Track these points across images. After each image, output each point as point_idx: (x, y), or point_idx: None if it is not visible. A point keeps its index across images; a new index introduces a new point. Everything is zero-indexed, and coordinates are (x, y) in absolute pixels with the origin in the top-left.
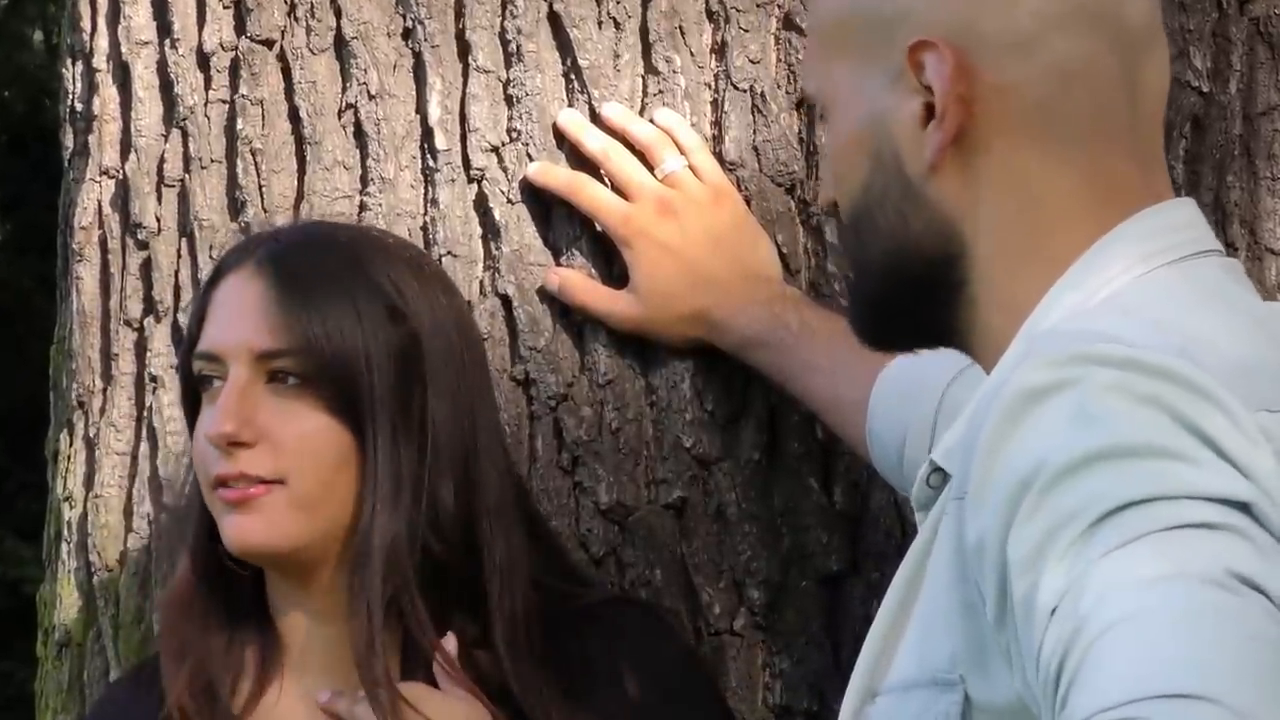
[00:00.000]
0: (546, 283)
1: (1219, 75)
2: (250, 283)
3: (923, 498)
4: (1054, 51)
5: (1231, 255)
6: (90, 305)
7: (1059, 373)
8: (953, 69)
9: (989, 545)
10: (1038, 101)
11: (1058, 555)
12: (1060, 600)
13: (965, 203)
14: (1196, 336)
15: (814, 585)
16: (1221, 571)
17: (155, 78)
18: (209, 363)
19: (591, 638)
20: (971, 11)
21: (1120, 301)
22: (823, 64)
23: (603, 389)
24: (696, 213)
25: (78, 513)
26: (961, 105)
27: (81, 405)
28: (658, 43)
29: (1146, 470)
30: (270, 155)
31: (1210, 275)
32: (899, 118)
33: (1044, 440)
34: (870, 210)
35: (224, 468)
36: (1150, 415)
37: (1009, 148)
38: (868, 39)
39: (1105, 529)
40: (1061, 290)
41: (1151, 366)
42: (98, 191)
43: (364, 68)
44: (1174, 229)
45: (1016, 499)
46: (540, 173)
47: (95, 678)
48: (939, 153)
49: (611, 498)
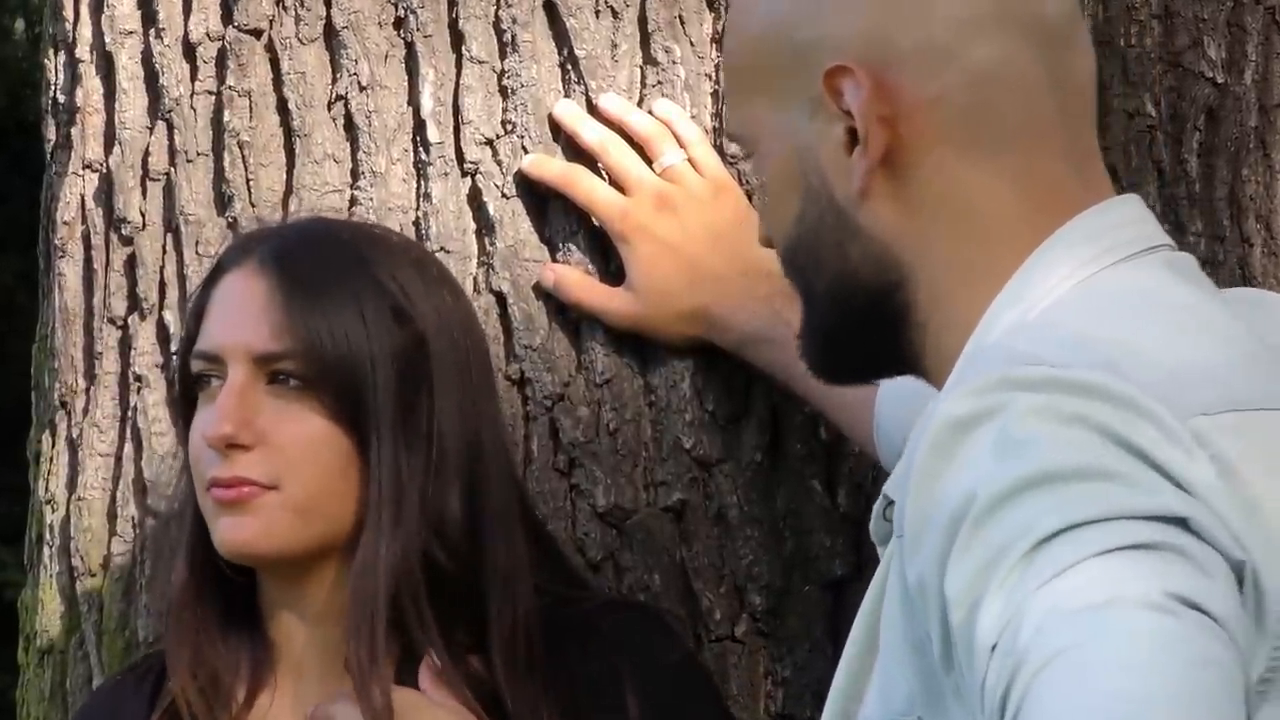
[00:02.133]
0: (542, 279)
1: (1234, 66)
2: (252, 281)
3: (880, 532)
4: (973, 59)
5: (1246, 250)
6: (73, 302)
7: (982, 401)
8: (870, 91)
9: (928, 585)
10: (962, 112)
11: (994, 589)
12: (1000, 635)
13: (901, 225)
14: (1127, 345)
15: (817, 590)
16: (1160, 594)
17: (140, 68)
18: (208, 362)
19: (591, 644)
20: (884, 29)
21: (1052, 315)
22: (742, 102)
23: (600, 388)
24: (696, 208)
25: (60, 516)
26: (884, 126)
27: (64, 405)
28: (656, 32)
29: (1077, 494)
30: (258, 148)
31: (1152, 275)
32: (823, 146)
33: (972, 473)
34: (806, 243)
35: (220, 470)
36: (1078, 435)
37: (937, 163)
38: (783, 71)
39: (1040, 558)
40: (1002, 305)
41: (1075, 384)
42: (80, 185)
43: (354, 58)
44: (1114, 228)
45: (950, 534)
46: (535, 165)
47: (78, 685)
48: (866, 177)
49: (609, 500)
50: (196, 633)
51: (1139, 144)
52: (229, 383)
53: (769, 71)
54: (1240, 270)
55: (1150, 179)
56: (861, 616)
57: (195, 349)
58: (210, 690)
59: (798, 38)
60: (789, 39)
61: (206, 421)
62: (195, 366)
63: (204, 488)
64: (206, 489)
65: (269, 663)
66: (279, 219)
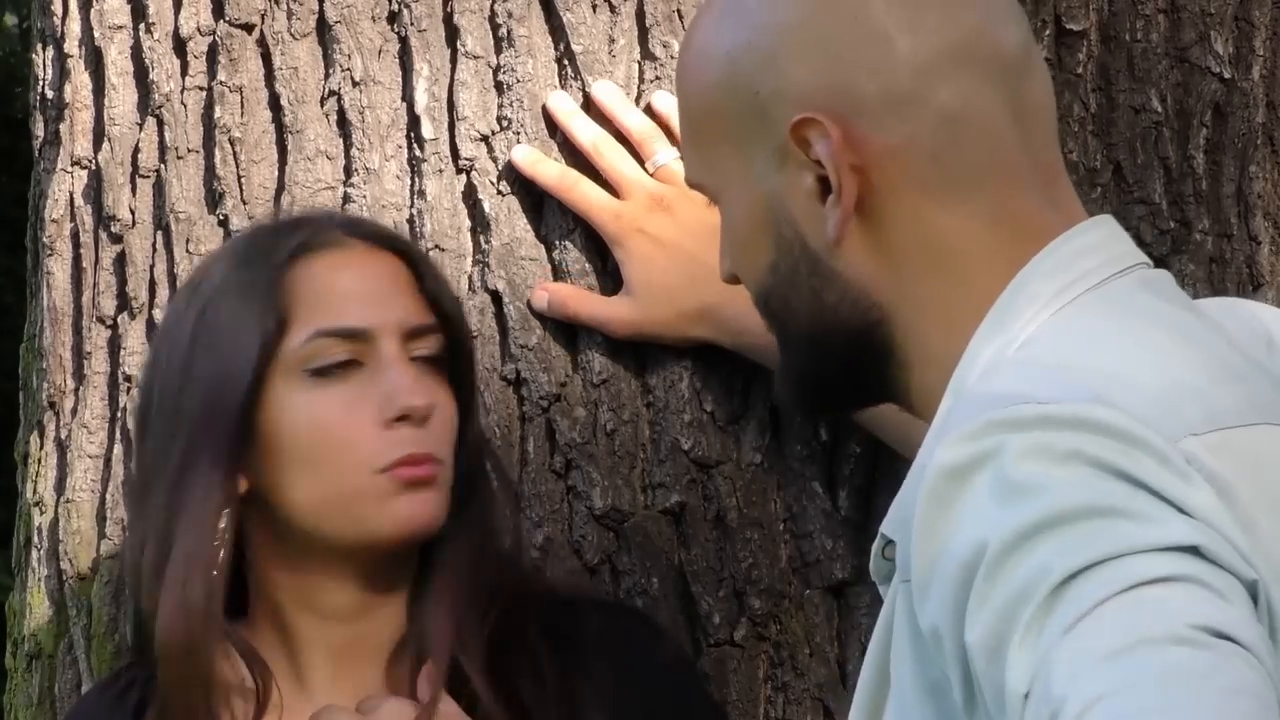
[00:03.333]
0: (534, 301)
1: (1241, 61)
2: (373, 259)
3: (880, 570)
4: (936, 102)
5: (1254, 248)
6: (61, 301)
7: (974, 446)
8: (839, 141)
9: (945, 633)
10: (929, 154)
11: (1019, 637)
12: (1030, 684)
13: (876, 269)
14: (1110, 372)
15: (818, 594)
16: (1186, 628)
17: (129, 63)
18: (347, 341)
19: (585, 646)
20: (846, 78)
21: (1032, 350)
22: (700, 151)
23: (597, 389)
24: (689, 205)
25: (48, 518)
26: (855, 174)
27: (52, 406)
28: (654, 27)
29: (1088, 533)
30: (249, 145)
31: (1128, 297)
32: (793, 196)
33: (978, 521)
34: (781, 290)
35: (418, 445)
36: (1076, 473)
37: (909, 206)
38: (745, 121)
39: (1060, 603)
40: (981, 340)
41: (1065, 419)
42: (69, 182)
43: (347, 53)
44: (1086, 253)
45: (964, 585)
46: (528, 164)
47: (67, 690)
48: (841, 226)
49: (606, 502)
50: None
51: (1145, 140)
52: (391, 356)
53: (729, 121)
54: (1248, 269)
55: (1156, 176)
56: (871, 655)
57: (328, 328)
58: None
59: (758, 87)
60: (748, 89)
61: (389, 395)
62: (322, 347)
63: (377, 469)
64: (384, 470)
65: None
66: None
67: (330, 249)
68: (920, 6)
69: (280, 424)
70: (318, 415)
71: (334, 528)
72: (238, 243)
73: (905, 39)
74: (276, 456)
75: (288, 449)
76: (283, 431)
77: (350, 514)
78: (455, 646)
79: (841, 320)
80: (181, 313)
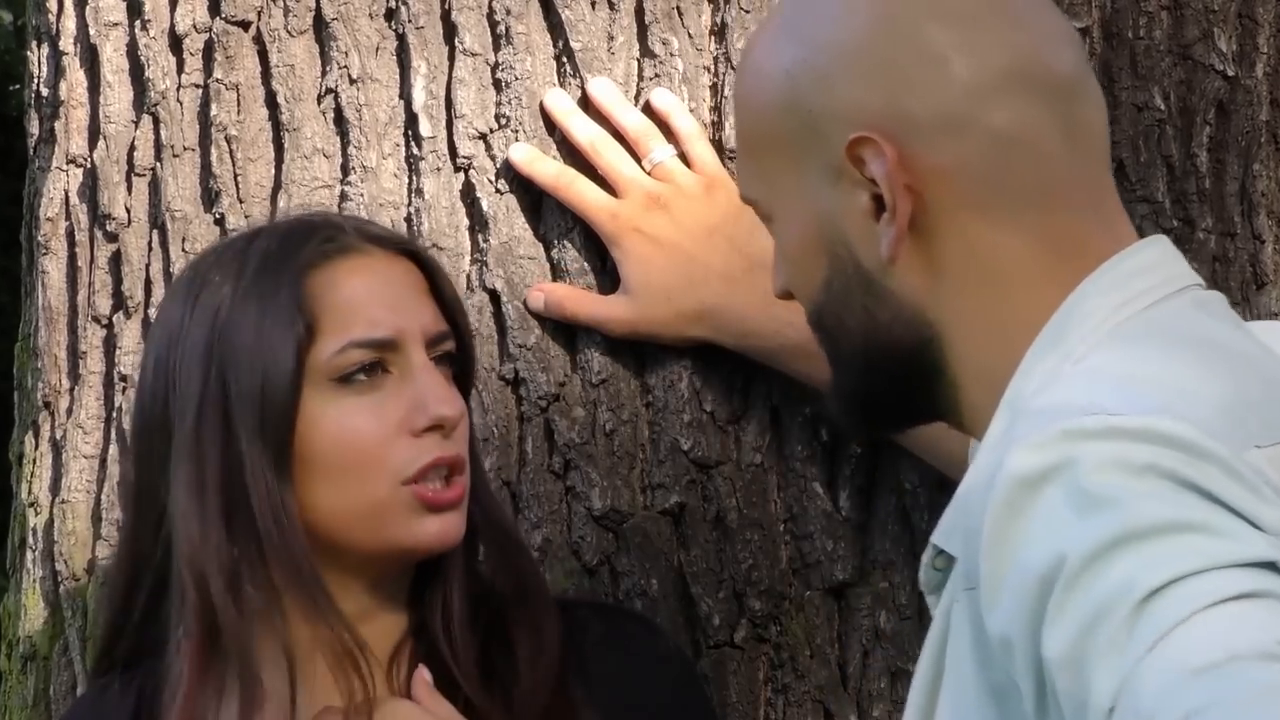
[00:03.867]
0: (531, 301)
1: (1245, 58)
2: (392, 265)
3: (931, 581)
4: (990, 124)
5: (1258, 247)
6: (57, 301)
7: (1046, 455)
8: (893, 160)
9: (1017, 642)
10: (982, 175)
11: (1101, 651)
12: (1115, 699)
13: (928, 287)
14: (1175, 387)
15: (819, 595)
16: (1273, 643)
17: (125, 61)
18: (376, 350)
19: (586, 647)
20: (901, 98)
21: (1093, 362)
22: (755, 169)
23: (596, 388)
24: (687, 204)
25: (43, 519)
26: (908, 194)
27: (48, 406)
28: (654, 24)
29: (1168, 549)
30: (246, 143)
31: (1183, 316)
32: (847, 214)
33: (1055, 533)
34: (835, 308)
35: (446, 450)
36: (1153, 486)
37: (961, 226)
38: (800, 138)
39: (1145, 617)
40: (1036, 356)
41: (1138, 431)
42: (64, 181)
43: (345, 50)
44: (1142, 272)
45: (1041, 596)
46: (525, 163)
47: (62, 693)
48: (895, 245)
49: (605, 503)
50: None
51: (1148, 138)
52: (420, 364)
53: (785, 138)
54: (1251, 268)
55: (1159, 174)
56: (918, 681)
57: (362, 339)
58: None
59: (814, 107)
60: (804, 106)
61: (420, 404)
62: (357, 358)
63: (406, 479)
64: (416, 480)
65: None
66: (269, 216)
67: (349, 255)
68: (975, 28)
69: (311, 434)
70: (348, 425)
71: (357, 538)
72: (239, 248)
73: (960, 60)
74: (304, 466)
75: (318, 458)
76: (313, 441)
77: (376, 525)
78: (454, 649)
79: (895, 338)
80: (184, 320)
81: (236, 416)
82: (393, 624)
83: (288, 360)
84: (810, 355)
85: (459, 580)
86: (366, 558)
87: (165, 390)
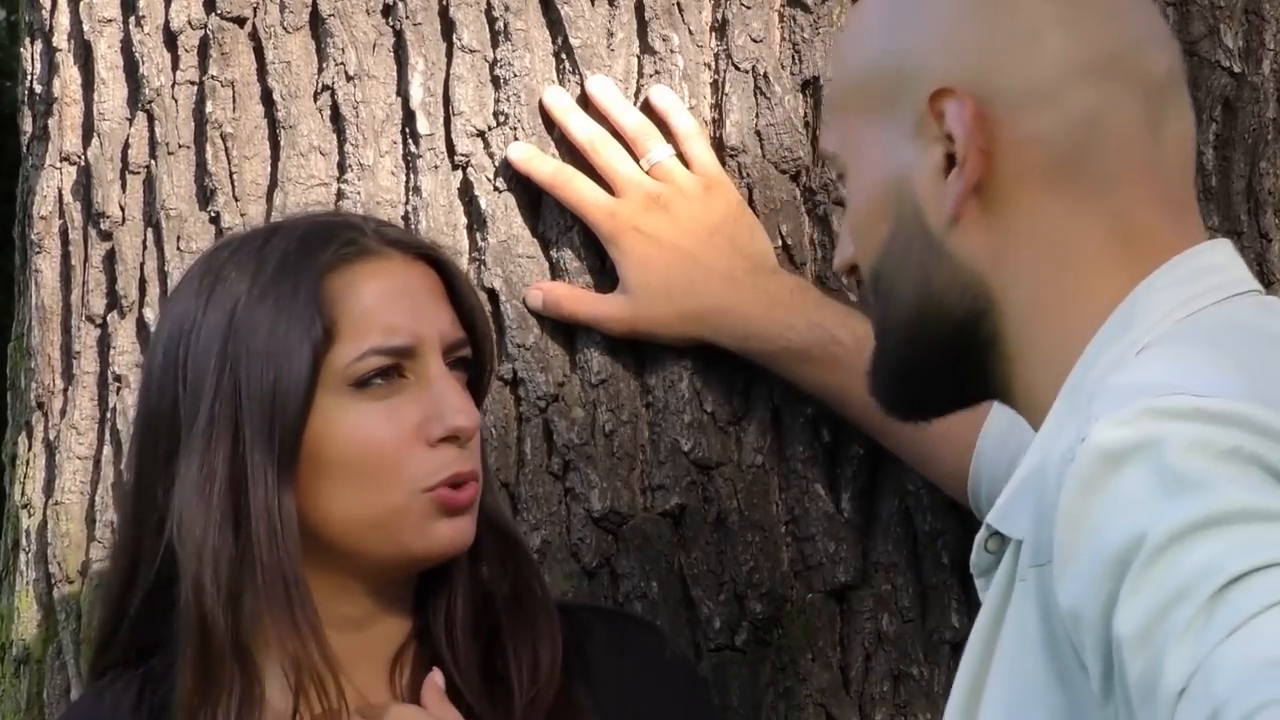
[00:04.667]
0: (529, 300)
1: (1251, 55)
2: (412, 270)
3: (982, 563)
4: (1076, 103)
5: (1264, 246)
6: (50, 300)
7: (1130, 432)
8: (972, 117)
9: (1087, 618)
10: (1060, 152)
11: (1177, 634)
12: (1189, 681)
13: (990, 255)
14: (1255, 374)
15: (821, 598)
16: None
17: (119, 57)
18: (394, 356)
19: (589, 651)
20: (990, 64)
21: (1167, 349)
22: (842, 122)
23: (596, 389)
24: (686, 204)
25: (37, 521)
26: (982, 156)
27: (41, 406)
28: (654, 20)
29: (1252, 536)
30: (241, 140)
31: (1249, 314)
32: (920, 170)
33: (1137, 510)
34: (891, 270)
35: (462, 464)
36: (1238, 471)
37: (1033, 199)
38: (888, 93)
39: (1224, 605)
40: (1102, 343)
41: (1223, 414)
42: (58, 179)
43: (341, 47)
44: (1209, 272)
45: (1117, 574)
46: (523, 160)
47: (56, 696)
48: (959, 202)
49: (605, 505)
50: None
51: None
52: (437, 372)
53: (874, 93)
54: (1258, 266)
55: None
56: (966, 665)
57: (381, 346)
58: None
59: (905, 65)
60: (896, 65)
61: (438, 414)
62: (373, 364)
63: (421, 489)
64: (428, 489)
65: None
66: (265, 214)
67: (369, 259)
68: (1078, 8)
69: (325, 439)
70: (364, 432)
71: (369, 544)
72: (256, 246)
73: (1057, 37)
74: (317, 470)
75: (332, 464)
76: (327, 447)
77: (389, 532)
78: (456, 655)
79: (947, 306)
80: (196, 316)
81: (245, 417)
82: (396, 628)
83: (303, 363)
84: (811, 360)
85: (463, 586)
86: (375, 563)
87: (174, 385)
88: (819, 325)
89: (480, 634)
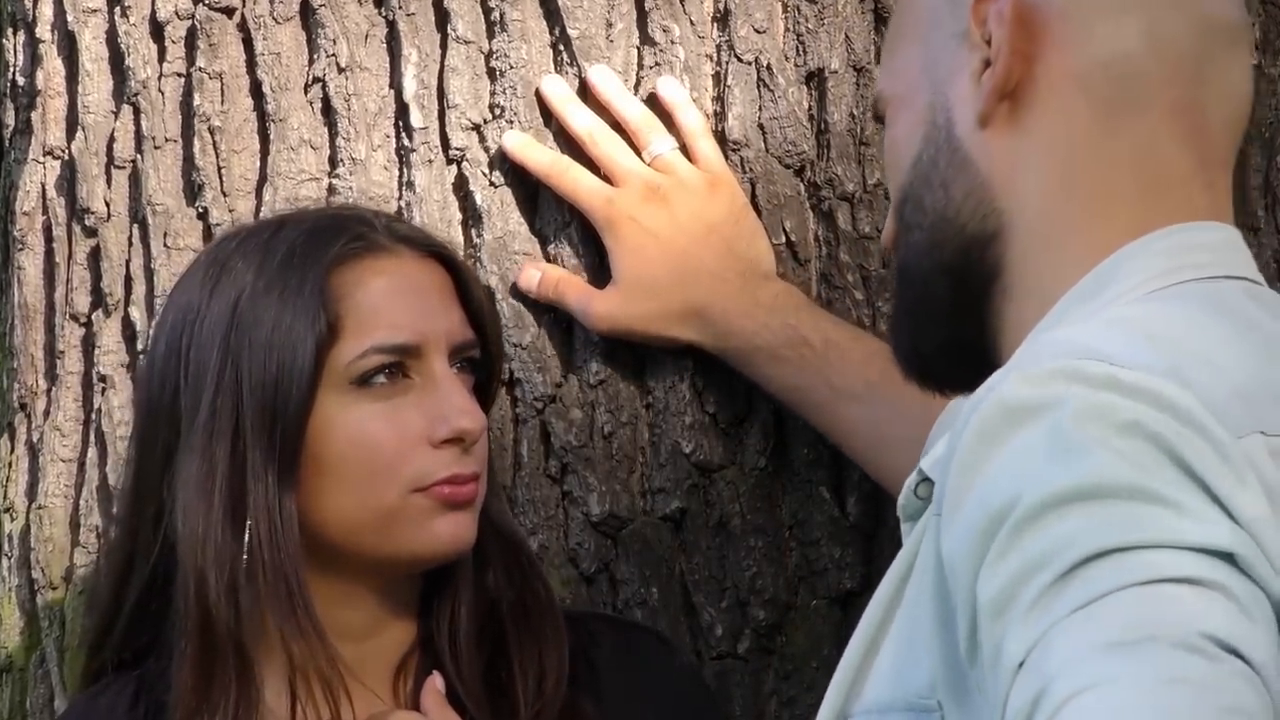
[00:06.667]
0: (522, 280)
1: (1269, 46)
2: (421, 268)
3: (910, 508)
4: (1129, 19)
5: None
6: (33, 298)
7: (1038, 390)
8: (1013, 20)
9: (959, 574)
10: (1102, 67)
11: (1027, 605)
12: (1027, 654)
13: (1008, 166)
14: (1195, 352)
15: (825, 604)
16: (1196, 635)
17: (104, 49)
18: (398, 355)
19: (596, 661)
20: None
21: (1121, 312)
22: (894, 53)
23: (594, 390)
24: (686, 199)
25: (19, 525)
26: (1019, 59)
27: (24, 407)
28: (654, 10)
29: (1124, 515)
30: (230, 134)
31: (1230, 296)
32: (958, 77)
33: (1021, 471)
34: (917, 188)
35: (464, 466)
36: (1131, 446)
37: (1064, 103)
38: (940, 12)
39: (1076, 580)
40: (1072, 300)
41: (1135, 388)
42: (41, 173)
43: (332, 38)
44: (1201, 248)
45: (988, 534)
46: (518, 149)
47: (39, 706)
48: (990, 99)
49: (604, 508)
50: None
51: None
52: (442, 373)
53: (924, 14)
54: (1275, 263)
55: None
56: (875, 603)
57: (384, 344)
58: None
59: None
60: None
61: (442, 416)
62: (377, 362)
63: (419, 488)
64: (426, 488)
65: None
66: (254, 209)
67: (377, 254)
68: None
69: (325, 437)
70: (366, 431)
71: (368, 543)
72: (264, 237)
73: None
74: (316, 468)
75: (332, 462)
76: (328, 444)
77: (388, 531)
78: (459, 664)
79: (961, 223)
80: (201, 306)
81: (246, 412)
82: (401, 635)
83: (306, 358)
84: (780, 359)
85: (467, 592)
86: (376, 565)
87: (176, 376)
88: (792, 326)
89: (485, 642)
